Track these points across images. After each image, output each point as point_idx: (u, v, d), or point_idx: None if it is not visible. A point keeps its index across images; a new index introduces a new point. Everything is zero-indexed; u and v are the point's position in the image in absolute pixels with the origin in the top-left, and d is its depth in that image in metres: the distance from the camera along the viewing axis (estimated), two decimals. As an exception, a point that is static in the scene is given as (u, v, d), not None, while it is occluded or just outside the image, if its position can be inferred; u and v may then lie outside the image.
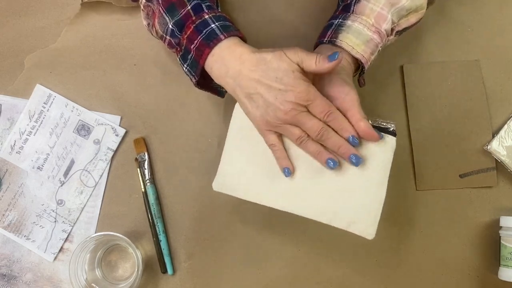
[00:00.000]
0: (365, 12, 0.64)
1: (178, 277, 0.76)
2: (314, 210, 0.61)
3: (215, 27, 0.61)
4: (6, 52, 0.80)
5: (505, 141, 0.77)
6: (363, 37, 0.63)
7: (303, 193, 0.62)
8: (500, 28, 0.81)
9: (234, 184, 0.63)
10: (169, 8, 0.63)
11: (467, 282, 0.77)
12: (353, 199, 0.61)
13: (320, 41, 0.66)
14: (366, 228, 0.61)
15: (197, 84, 0.65)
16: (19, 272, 0.76)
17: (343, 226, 0.61)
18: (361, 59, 0.63)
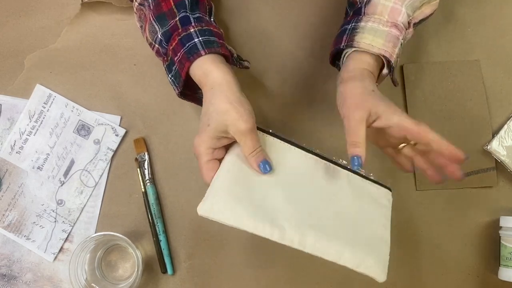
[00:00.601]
0: (377, 10, 0.63)
1: (178, 277, 0.76)
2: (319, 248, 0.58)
3: (198, 42, 0.61)
4: (6, 52, 0.80)
5: (505, 141, 0.77)
6: (380, 33, 0.62)
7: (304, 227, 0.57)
8: (500, 28, 0.81)
9: (226, 212, 0.57)
10: (159, 17, 0.64)
11: (467, 282, 0.77)
12: (360, 240, 0.59)
13: (336, 48, 0.65)
14: (376, 270, 0.59)
15: (180, 94, 0.65)
16: (19, 272, 0.76)
17: (351, 267, 0.59)
18: (383, 53, 0.62)
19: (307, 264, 0.77)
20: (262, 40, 0.80)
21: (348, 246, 0.58)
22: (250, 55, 0.79)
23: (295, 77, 0.80)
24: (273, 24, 0.81)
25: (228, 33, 0.80)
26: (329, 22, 0.81)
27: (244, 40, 0.80)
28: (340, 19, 0.82)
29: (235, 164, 0.59)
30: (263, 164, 0.59)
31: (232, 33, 0.80)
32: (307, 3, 0.81)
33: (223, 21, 0.81)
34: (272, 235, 0.56)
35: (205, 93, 0.60)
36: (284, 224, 0.57)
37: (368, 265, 0.58)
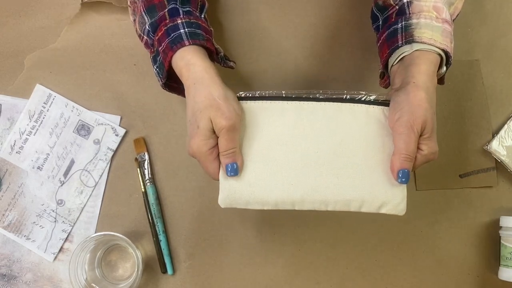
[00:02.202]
0: (423, 9, 0.61)
1: (178, 277, 0.76)
2: (340, 202, 0.58)
3: (183, 32, 0.60)
4: (6, 52, 0.80)
5: (505, 141, 0.77)
6: (436, 28, 0.60)
7: (321, 187, 0.57)
8: (500, 28, 0.81)
9: (244, 196, 0.58)
10: (149, 8, 0.63)
11: (467, 282, 0.77)
12: (374, 181, 0.58)
13: (394, 47, 0.62)
14: (397, 206, 0.57)
15: (164, 86, 0.64)
16: (19, 272, 0.76)
17: (373, 210, 0.58)
18: (446, 49, 0.59)
19: (307, 264, 0.77)
20: (262, 40, 0.80)
21: (366, 191, 0.57)
22: (250, 55, 0.79)
23: (295, 77, 0.80)
24: (273, 23, 0.81)
25: (228, 32, 0.80)
26: (328, 22, 0.81)
27: (244, 39, 0.80)
28: (340, 19, 0.82)
29: None
30: (231, 166, 0.57)
31: (232, 32, 0.80)
32: (307, 3, 0.81)
33: (222, 20, 0.80)
34: (293, 206, 0.58)
35: (188, 88, 0.59)
36: (300, 190, 0.57)
37: (388, 205, 0.57)
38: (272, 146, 0.58)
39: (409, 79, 0.58)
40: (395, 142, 0.56)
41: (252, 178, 0.58)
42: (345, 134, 0.58)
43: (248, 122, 0.59)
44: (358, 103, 0.59)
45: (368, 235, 0.77)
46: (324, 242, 0.77)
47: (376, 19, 0.69)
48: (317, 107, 0.59)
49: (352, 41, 0.80)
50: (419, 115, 0.55)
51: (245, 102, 0.59)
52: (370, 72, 0.79)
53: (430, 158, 0.57)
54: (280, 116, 0.59)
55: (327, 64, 0.80)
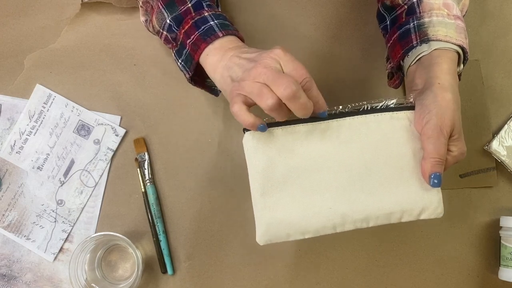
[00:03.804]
0: (433, 7, 0.61)
1: (178, 277, 0.76)
2: (381, 217, 0.57)
3: (214, 24, 0.61)
4: (6, 52, 0.80)
5: (505, 141, 0.77)
6: (450, 25, 0.59)
7: (359, 205, 0.56)
8: (500, 28, 0.81)
9: (283, 230, 0.56)
10: (169, 3, 0.64)
11: (467, 282, 0.77)
12: (410, 189, 0.57)
13: (408, 47, 0.61)
14: (436, 209, 0.57)
15: (190, 80, 0.64)
16: (19, 272, 0.76)
17: (414, 218, 0.57)
18: (462, 44, 0.59)
19: (307, 264, 0.77)
20: (262, 40, 0.80)
21: (404, 201, 0.56)
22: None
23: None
24: (273, 23, 0.81)
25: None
26: (328, 22, 0.81)
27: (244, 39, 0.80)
28: (341, 19, 0.82)
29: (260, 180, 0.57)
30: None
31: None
32: (307, 3, 0.81)
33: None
34: (334, 229, 0.57)
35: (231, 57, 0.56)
36: (338, 212, 0.56)
37: (427, 211, 0.57)
38: (302, 172, 0.56)
39: (433, 79, 0.57)
40: (424, 146, 0.55)
41: (288, 208, 0.56)
42: (374, 147, 0.57)
43: (274, 150, 0.57)
44: (381, 112, 0.57)
45: (368, 235, 0.77)
46: (324, 242, 0.77)
47: (383, 19, 0.69)
48: (341, 124, 0.57)
49: (352, 40, 0.80)
50: (448, 117, 0.54)
51: (268, 130, 0.56)
52: (371, 71, 0.79)
53: (459, 158, 0.57)
54: (305, 140, 0.57)
55: (327, 64, 0.80)
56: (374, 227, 0.60)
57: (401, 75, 0.65)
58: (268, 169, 0.56)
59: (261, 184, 0.56)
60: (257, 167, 0.56)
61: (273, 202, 0.56)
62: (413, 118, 0.57)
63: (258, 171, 0.56)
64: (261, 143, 0.56)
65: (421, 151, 0.56)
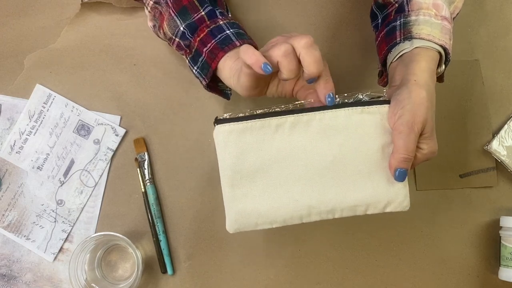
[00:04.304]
0: (422, 6, 0.62)
1: (178, 277, 0.76)
2: (346, 209, 0.58)
3: (230, 33, 0.62)
4: (6, 52, 0.80)
5: (505, 141, 0.77)
6: (435, 25, 0.60)
7: (325, 197, 0.58)
8: (500, 28, 0.81)
9: (251, 219, 0.58)
10: (181, 11, 0.64)
11: (467, 282, 0.77)
12: (377, 183, 0.57)
13: (392, 44, 0.62)
14: (402, 203, 0.58)
15: (207, 86, 0.65)
16: (19, 272, 0.76)
17: (379, 211, 0.58)
18: (444, 45, 0.60)
19: (307, 264, 0.77)
20: (262, 40, 0.80)
21: (369, 194, 0.57)
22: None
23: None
24: (273, 23, 0.81)
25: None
26: (328, 22, 0.81)
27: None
28: (340, 19, 0.82)
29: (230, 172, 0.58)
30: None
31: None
32: (307, 3, 0.81)
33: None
34: (301, 220, 0.58)
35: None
36: (305, 203, 0.57)
37: (393, 204, 0.58)
38: (272, 164, 0.58)
39: (410, 76, 0.57)
40: (394, 141, 0.56)
41: (256, 199, 0.58)
42: (343, 141, 0.58)
43: (244, 143, 0.58)
44: (353, 106, 0.58)
45: (368, 235, 0.77)
46: (324, 242, 0.77)
47: (375, 18, 0.70)
48: (311, 118, 0.58)
49: (352, 41, 0.80)
50: (420, 114, 0.55)
51: (239, 123, 0.57)
52: (370, 72, 0.79)
53: (429, 156, 0.57)
54: (275, 133, 0.58)
55: (328, 64, 0.80)
56: (374, 228, 0.60)
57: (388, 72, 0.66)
58: (237, 162, 0.57)
59: (231, 176, 0.58)
60: (226, 159, 0.58)
61: (242, 194, 0.58)
62: (385, 112, 0.57)
63: (228, 163, 0.58)
64: (231, 136, 0.57)
65: (391, 145, 0.56)
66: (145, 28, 0.72)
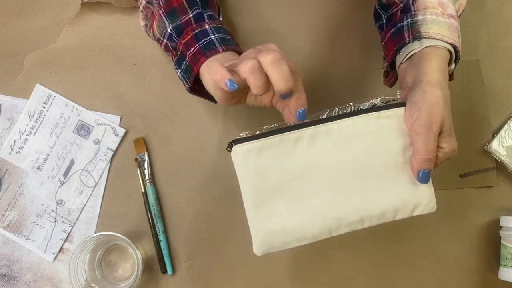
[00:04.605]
0: (428, 5, 0.61)
1: (178, 277, 0.76)
2: (375, 217, 0.57)
3: (214, 38, 0.61)
4: (6, 52, 0.80)
5: (505, 141, 0.77)
6: (442, 24, 0.60)
7: (353, 207, 0.56)
8: (500, 28, 0.81)
9: (279, 239, 0.57)
10: (170, 12, 0.64)
11: (467, 282, 0.77)
12: (401, 187, 0.57)
13: (400, 45, 0.61)
14: (428, 204, 0.57)
15: (190, 90, 0.65)
16: (19, 272, 0.76)
17: (407, 215, 0.57)
18: (454, 43, 0.59)
19: (307, 264, 0.77)
20: (262, 40, 0.80)
21: (396, 199, 0.56)
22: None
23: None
24: (273, 24, 0.81)
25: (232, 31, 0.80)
26: (329, 22, 0.81)
27: (244, 39, 0.80)
28: (341, 19, 0.82)
29: (252, 192, 0.57)
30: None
31: (236, 32, 0.80)
32: (307, 3, 0.81)
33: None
34: (330, 234, 0.57)
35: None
36: (333, 216, 0.56)
37: (420, 207, 0.57)
38: (294, 179, 0.57)
39: (422, 76, 0.57)
40: (413, 143, 0.55)
41: (282, 217, 0.56)
42: (363, 148, 0.57)
43: (264, 161, 0.56)
44: (369, 112, 0.57)
45: (368, 235, 0.77)
46: (324, 242, 0.76)
47: (379, 18, 0.69)
48: (329, 128, 0.57)
49: (353, 40, 0.80)
50: (437, 113, 0.54)
51: (257, 141, 0.56)
52: (371, 72, 0.79)
53: (450, 155, 0.57)
54: (294, 147, 0.57)
55: (328, 64, 0.80)
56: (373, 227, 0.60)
57: (395, 74, 0.66)
58: (259, 181, 0.56)
59: (253, 196, 0.57)
60: (247, 179, 0.57)
61: (266, 213, 0.56)
62: (401, 115, 0.57)
63: (249, 183, 0.57)
64: (251, 155, 0.56)
65: (411, 147, 0.56)
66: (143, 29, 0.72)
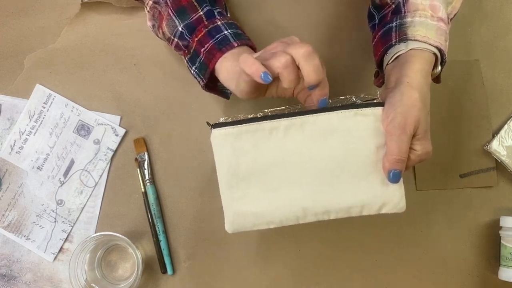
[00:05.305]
0: (418, 7, 0.62)
1: (178, 277, 0.76)
2: (341, 211, 0.58)
3: (228, 34, 0.62)
4: (6, 52, 0.80)
5: (505, 141, 0.77)
6: (430, 27, 0.60)
7: (320, 198, 0.58)
8: (500, 28, 0.81)
9: (249, 219, 0.59)
10: (179, 11, 0.64)
11: (467, 282, 0.77)
12: (371, 184, 0.58)
13: (387, 45, 0.62)
14: (397, 204, 0.58)
15: (205, 86, 0.65)
16: (19, 272, 0.76)
17: (374, 212, 0.58)
18: (439, 46, 0.60)
19: (307, 264, 0.77)
20: (261, 40, 0.80)
21: (364, 195, 0.58)
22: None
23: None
24: (273, 24, 0.81)
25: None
26: (328, 22, 0.81)
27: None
28: (340, 19, 0.82)
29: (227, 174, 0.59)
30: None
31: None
32: (307, 3, 0.81)
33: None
34: (297, 221, 0.59)
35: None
36: (300, 205, 0.58)
37: (388, 205, 0.58)
38: (267, 167, 0.58)
39: (403, 78, 0.57)
40: (387, 143, 0.56)
41: (253, 201, 0.59)
42: (337, 143, 0.58)
43: (239, 146, 0.58)
44: (347, 109, 0.58)
45: (368, 235, 0.77)
46: (324, 242, 0.77)
47: (372, 18, 0.70)
48: (305, 120, 0.58)
49: (352, 40, 0.80)
50: (412, 116, 0.55)
51: (234, 127, 0.58)
52: (370, 72, 0.78)
53: (423, 157, 0.57)
54: (269, 136, 0.58)
55: (327, 64, 0.79)
56: (374, 228, 0.60)
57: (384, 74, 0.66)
58: (234, 164, 0.58)
59: (228, 178, 0.59)
60: (223, 162, 0.59)
61: (239, 195, 0.59)
62: (379, 114, 0.57)
63: (224, 166, 0.59)
64: (227, 139, 0.58)
65: (385, 147, 0.57)
66: (145, 28, 0.72)
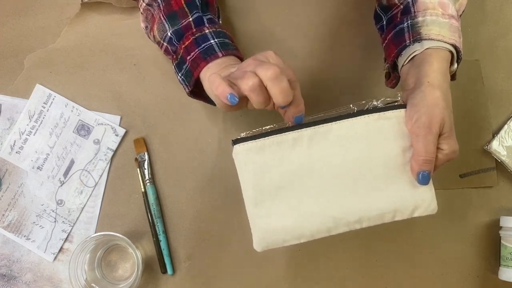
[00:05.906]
0: (428, 6, 0.61)
1: (178, 277, 0.76)
2: (373, 218, 0.57)
3: (214, 43, 0.61)
4: (6, 52, 0.80)
5: (505, 141, 0.77)
6: (443, 25, 0.60)
7: (351, 207, 0.57)
8: (500, 28, 0.81)
9: (279, 236, 0.57)
10: (170, 16, 0.64)
11: (467, 282, 0.77)
12: (401, 188, 0.57)
13: (401, 47, 0.61)
14: (429, 206, 0.57)
15: (190, 93, 0.65)
16: (19, 272, 0.76)
17: (407, 217, 0.57)
18: (455, 43, 0.59)
19: (307, 264, 0.77)
20: (261, 40, 0.80)
21: (395, 200, 0.56)
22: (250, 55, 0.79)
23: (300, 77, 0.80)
24: (273, 24, 0.81)
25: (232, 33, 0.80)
26: (329, 22, 0.81)
27: (244, 40, 0.80)
28: (342, 19, 0.82)
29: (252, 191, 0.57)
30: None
31: (232, 34, 0.80)
32: (308, 3, 0.81)
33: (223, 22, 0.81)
34: (329, 232, 0.57)
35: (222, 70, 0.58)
36: (331, 215, 0.56)
37: (420, 209, 0.57)
38: (294, 179, 0.57)
39: (423, 78, 0.57)
40: (413, 145, 0.55)
41: (281, 215, 0.57)
42: (363, 148, 0.57)
43: (263, 160, 0.57)
44: (370, 113, 0.57)
45: (368, 235, 0.77)
46: (324, 242, 0.76)
47: (379, 19, 0.69)
48: (328, 128, 0.57)
49: (353, 41, 0.80)
50: (437, 115, 0.54)
51: (257, 141, 0.57)
52: (371, 72, 0.79)
53: (451, 156, 0.57)
54: (293, 147, 0.57)
55: (328, 64, 0.80)
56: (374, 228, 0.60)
57: (397, 75, 0.66)
58: (259, 180, 0.57)
59: (254, 195, 0.57)
60: (247, 178, 0.57)
61: (266, 211, 0.57)
62: (402, 117, 0.57)
63: (249, 182, 0.57)
64: (250, 154, 0.57)
65: (411, 149, 0.56)
66: (143, 30, 0.72)
